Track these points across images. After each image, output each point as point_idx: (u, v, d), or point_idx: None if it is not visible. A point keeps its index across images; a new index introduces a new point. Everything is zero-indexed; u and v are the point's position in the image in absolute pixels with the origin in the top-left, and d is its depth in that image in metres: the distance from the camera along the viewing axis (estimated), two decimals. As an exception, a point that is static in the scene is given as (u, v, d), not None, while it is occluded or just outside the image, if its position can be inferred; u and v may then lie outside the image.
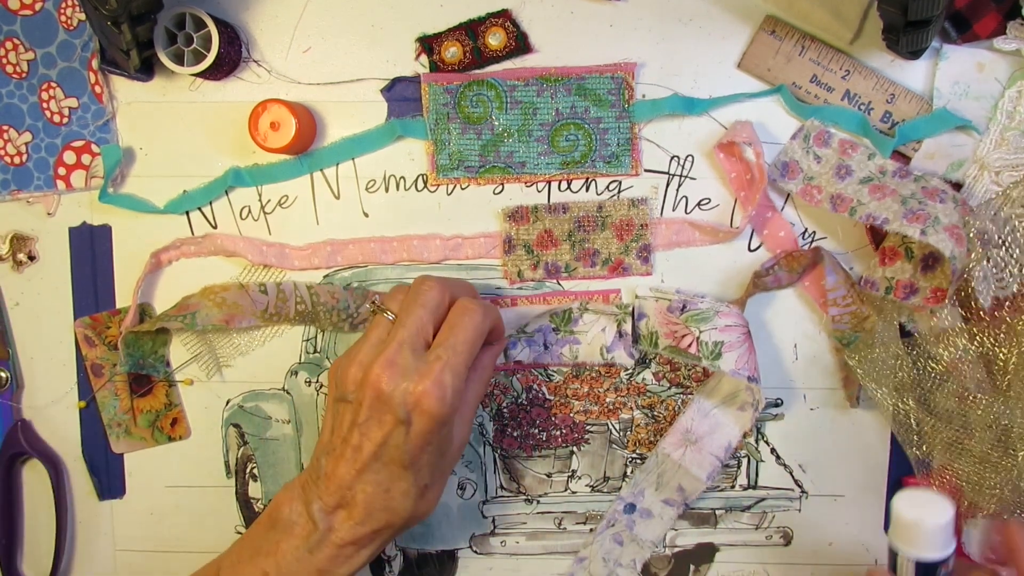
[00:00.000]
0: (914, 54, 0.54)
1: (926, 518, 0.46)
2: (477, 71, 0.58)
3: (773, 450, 0.60)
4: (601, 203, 0.59)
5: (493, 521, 0.62)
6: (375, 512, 0.49)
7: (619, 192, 0.59)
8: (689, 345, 0.56)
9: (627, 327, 0.58)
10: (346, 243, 0.60)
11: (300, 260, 0.60)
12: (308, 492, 0.50)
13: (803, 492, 0.61)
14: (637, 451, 0.61)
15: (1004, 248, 0.53)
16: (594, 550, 0.61)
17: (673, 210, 0.59)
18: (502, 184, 0.59)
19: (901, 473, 0.59)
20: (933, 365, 0.55)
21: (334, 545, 0.49)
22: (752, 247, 0.59)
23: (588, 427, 0.61)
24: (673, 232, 0.59)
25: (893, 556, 0.48)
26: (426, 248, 0.60)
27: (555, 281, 0.60)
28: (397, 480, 0.48)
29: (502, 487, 0.62)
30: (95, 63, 0.59)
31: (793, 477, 0.61)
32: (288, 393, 0.62)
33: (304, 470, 0.52)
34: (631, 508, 0.61)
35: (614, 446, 0.61)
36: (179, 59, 0.56)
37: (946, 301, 0.52)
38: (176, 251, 0.61)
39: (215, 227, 0.61)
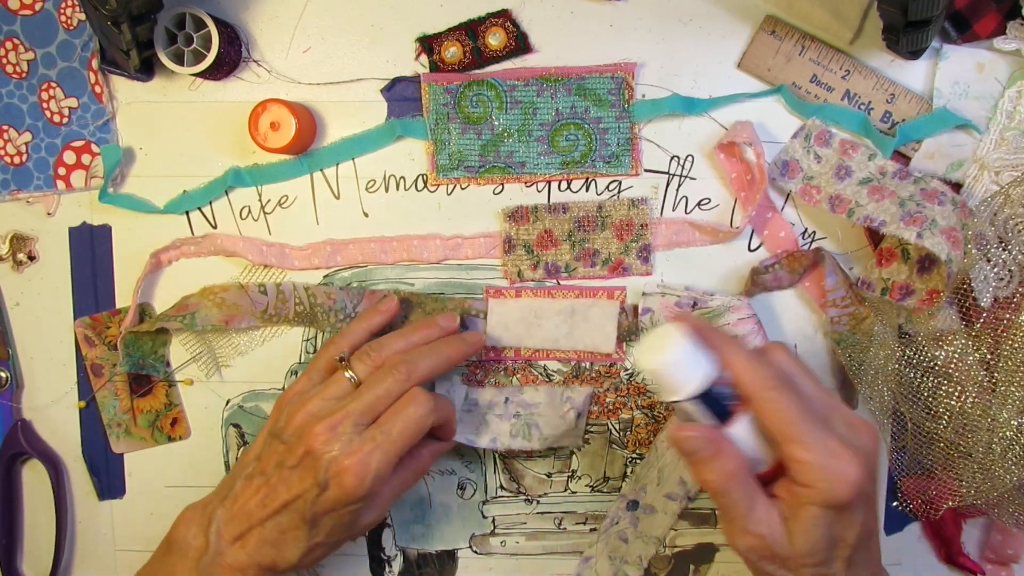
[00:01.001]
0: (914, 54, 0.54)
1: (668, 359, 0.44)
2: (477, 71, 0.58)
3: (773, 450, 0.60)
4: (601, 203, 0.59)
5: (493, 521, 0.62)
6: (264, 547, 0.51)
7: (619, 192, 0.59)
8: None
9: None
10: (346, 243, 0.60)
11: (300, 260, 0.60)
12: (211, 509, 0.52)
13: (803, 492, 0.61)
14: (637, 451, 0.61)
15: (1004, 247, 0.53)
16: (599, 548, 0.61)
17: (673, 210, 0.59)
18: (502, 184, 0.59)
19: (901, 473, 0.59)
20: (931, 366, 0.55)
21: (223, 568, 0.51)
22: (752, 247, 0.59)
23: (588, 427, 0.61)
24: (673, 232, 0.59)
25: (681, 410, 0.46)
26: (426, 248, 0.60)
27: (555, 281, 0.60)
28: (294, 529, 0.50)
29: (502, 487, 0.62)
30: (95, 63, 0.59)
31: (793, 477, 0.61)
32: (288, 393, 0.62)
33: (213, 491, 0.53)
34: (634, 505, 0.61)
35: (614, 446, 0.61)
36: (179, 59, 0.56)
37: (942, 302, 0.52)
38: (176, 251, 0.61)
39: (215, 227, 0.61)
